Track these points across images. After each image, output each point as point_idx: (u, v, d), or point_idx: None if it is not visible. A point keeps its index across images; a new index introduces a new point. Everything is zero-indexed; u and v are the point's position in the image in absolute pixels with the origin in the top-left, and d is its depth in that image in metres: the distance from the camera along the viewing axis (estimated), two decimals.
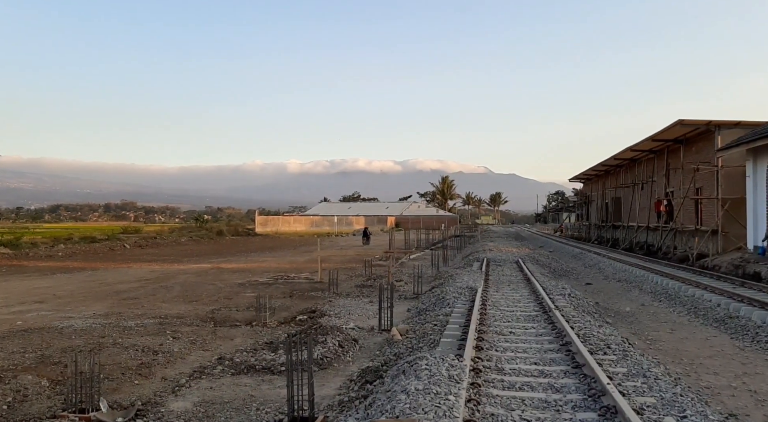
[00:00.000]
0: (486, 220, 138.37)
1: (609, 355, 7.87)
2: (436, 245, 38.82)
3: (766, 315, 11.30)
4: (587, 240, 49.92)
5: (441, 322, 10.61)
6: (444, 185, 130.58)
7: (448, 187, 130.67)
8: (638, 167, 39.28)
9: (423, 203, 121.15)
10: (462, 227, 77.10)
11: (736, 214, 24.40)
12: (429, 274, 21.24)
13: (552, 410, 5.63)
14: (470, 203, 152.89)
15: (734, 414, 6.47)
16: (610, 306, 14.55)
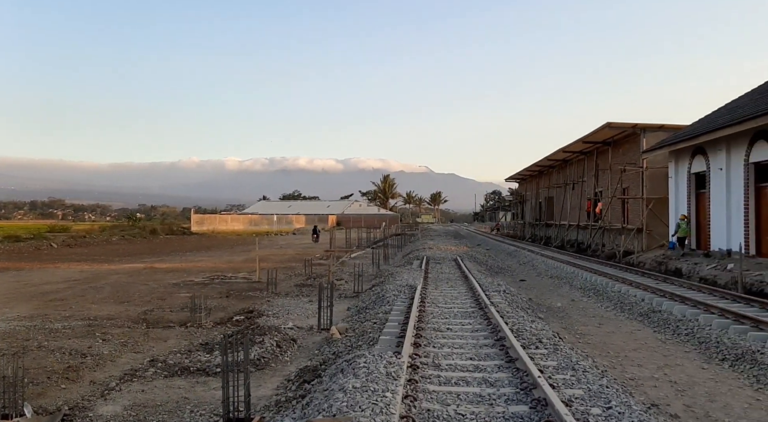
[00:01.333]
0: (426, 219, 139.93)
1: (540, 349, 8.14)
2: (377, 244, 38.99)
3: (685, 309, 11.95)
4: (522, 239, 51.34)
5: (380, 320, 10.68)
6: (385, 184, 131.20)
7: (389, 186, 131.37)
8: (570, 168, 40.71)
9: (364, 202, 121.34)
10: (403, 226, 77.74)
11: (659, 213, 25.69)
12: (370, 273, 21.31)
13: (486, 404, 5.78)
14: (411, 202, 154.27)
15: (656, 404, 6.82)
16: (543, 301, 15.03)
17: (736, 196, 19.19)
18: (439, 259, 25.19)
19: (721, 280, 15.94)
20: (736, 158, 19.15)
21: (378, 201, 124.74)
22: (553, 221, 44.10)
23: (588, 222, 34.68)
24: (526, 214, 57.92)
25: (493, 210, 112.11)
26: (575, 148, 35.82)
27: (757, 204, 18.40)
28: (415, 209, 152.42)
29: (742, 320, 10.32)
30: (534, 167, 48.75)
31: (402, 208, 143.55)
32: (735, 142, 19.11)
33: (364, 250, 34.60)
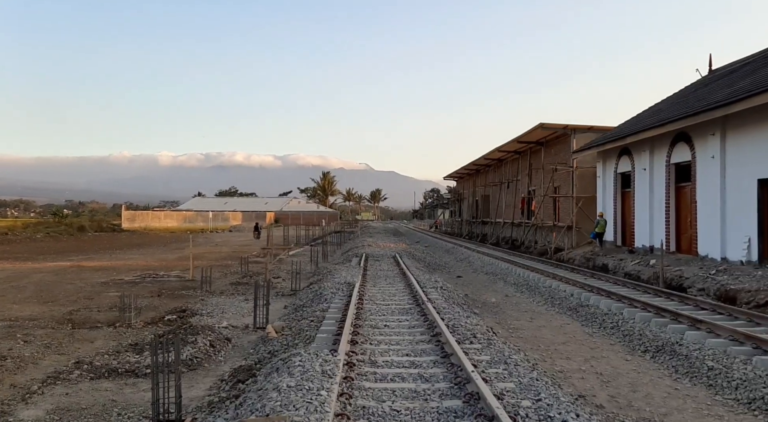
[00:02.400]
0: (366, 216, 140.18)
1: (475, 344, 8.31)
2: (316, 241, 38.76)
3: (611, 303, 12.47)
4: (459, 236, 52.25)
5: (318, 318, 10.63)
6: (325, 181, 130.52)
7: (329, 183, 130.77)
8: (505, 167, 41.74)
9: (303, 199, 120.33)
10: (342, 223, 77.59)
11: (588, 211, 26.72)
12: (308, 270, 21.17)
13: (421, 399, 5.85)
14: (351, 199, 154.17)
15: (583, 395, 7.09)
16: (478, 297, 15.35)
17: (658, 195, 20.18)
18: (378, 257, 25.30)
19: (644, 275, 16.73)
20: (659, 159, 20.13)
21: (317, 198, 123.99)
22: (489, 219, 45.10)
23: (522, 219, 35.67)
24: (463, 212, 58.98)
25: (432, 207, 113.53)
26: (510, 148, 36.74)
27: (677, 203, 19.42)
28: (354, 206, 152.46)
29: (662, 313, 10.87)
30: (471, 166, 49.70)
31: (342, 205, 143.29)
32: (658, 143, 20.09)
33: (303, 248, 34.34)
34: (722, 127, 16.22)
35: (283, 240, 38.99)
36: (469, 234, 50.42)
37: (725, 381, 7.32)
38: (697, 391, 7.30)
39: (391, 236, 50.18)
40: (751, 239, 15.00)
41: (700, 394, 7.17)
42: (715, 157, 16.53)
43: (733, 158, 15.93)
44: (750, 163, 15.13)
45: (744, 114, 14.90)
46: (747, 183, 15.23)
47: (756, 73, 17.03)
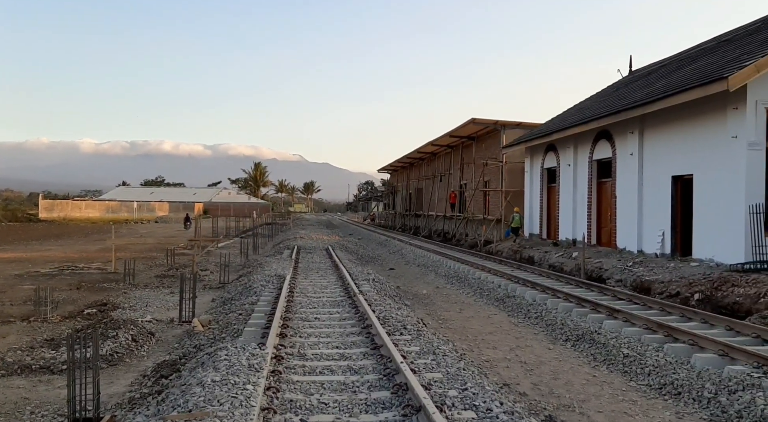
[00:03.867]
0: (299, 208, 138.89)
1: (405, 336, 8.38)
2: (246, 233, 38.03)
3: (536, 294, 12.90)
4: (393, 228, 52.63)
5: (246, 311, 10.44)
6: (257, 172, 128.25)
7: (261, 174, 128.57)
8: (438, 160, 42.35)
9: (234, 190, 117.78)
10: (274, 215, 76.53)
11: (517, 205, 27.51)
12: (237, 263, 20.77)
13: (349, 391, 5.85)
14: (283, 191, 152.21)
15: (508, 384, 7.30)
16: (410, 289, 15.51)
17: (581, 190, 21.01)
18: (311, 249, 25.12)
19: (568, 267, 17.40)
20: (582, 155, 20.96)
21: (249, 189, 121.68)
22: (422, 212, 45.67)
23: (453, 213, 36.32)
24: (397, 205, 59.45)
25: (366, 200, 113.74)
26: (443, 142, 37.29)
27: (599, 197, 20.29)
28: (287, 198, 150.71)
29: (583, 303, 11.33)
30: (405, 159, 50.12)
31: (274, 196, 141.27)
32: (581, 140, 20.90)
33: (233, 240, 33.63)
34: (640, 125, 17.04)
35: (212, 231, 38.04)
36: (403, 227, 50.89)
37: (639, 367, 7.71)
38: (614, 378, 7.65)
39: (324, 228, 49.93)
40: (665, 233, 15.88)
41: (616, 381, 7.52)
42: (633, 154, 17.36)
43: (650, 155, 16.78)
44: (665, 160, 15.98)
45: (659, 114, 15.71)
46: (662, 179, 16.09)
47: (671, 76, 17.99)
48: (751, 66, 12.07)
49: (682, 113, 14.85)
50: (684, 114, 14.83)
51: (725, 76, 12.12)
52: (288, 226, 50.96)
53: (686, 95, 13.69)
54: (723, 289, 11.08)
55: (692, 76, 15.03)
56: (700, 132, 14.37)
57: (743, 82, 12.16)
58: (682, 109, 14.68)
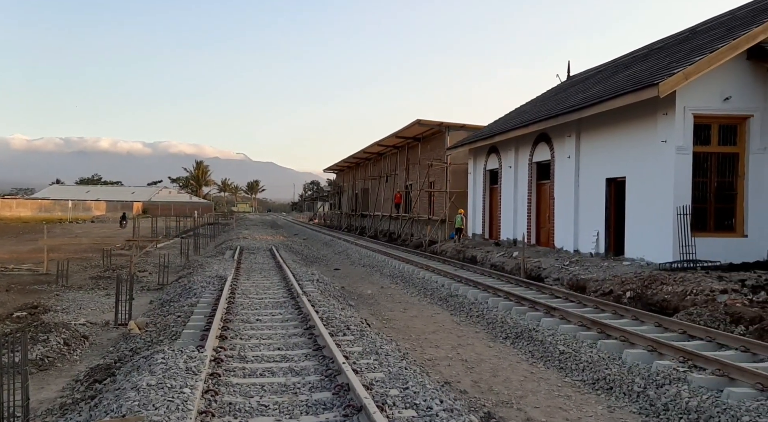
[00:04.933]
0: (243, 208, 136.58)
1: (348, 336, 8.38)
2: (187, 233, 37.13)
3: (477, 293, 13.14)
4: (339, 229, 52.53)
5: (186, 313, 10.21)
6: (199, 171, 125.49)
7: (202, 172, 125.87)
8: (384, 161, 42.53)
9: (175, 189, 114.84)
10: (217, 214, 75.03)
11: (460, 206, 27.95)
12: (177, 264, 20.24)
13: (290, 393, 5.81)
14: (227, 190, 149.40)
15: (449, 382, 7.42)
16: (355, 289, 15.52)
17: (521, 191, 21.55)
18: (254, 249, 24.77)
19: (508, 266, 17.80)
20: (523, 157, 21.49)
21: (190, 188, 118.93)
22: (369, 212, 45.76)
23: (399, 213, 36.56)
24: (343, 205, 59.34)
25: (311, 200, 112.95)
26: (389, 143, 37.48)
27: (538, 199, 20.86)
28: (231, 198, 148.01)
29: (522, 302, 11.62)
30: (351, 159, 50.10)
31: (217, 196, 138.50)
32: (522, 143, 21.43)
33: (173, 240, 32.77)
34: (577, 129, 17.62)
35: (152, 231, 36.94)
36: (349, 227, 50.84)
37: (574, 363, 7.98)
38: (550, 374, 7.89)
39: (268, 228, 49.32)
40: (600, 233, 16.48)
41: (553, 377, 7.76)
42: (570, 157, 17.93)
43: (586, 158, 17.37)
44: (600, 163, 16.58)
45: (595, 118, 16.29)
46: (597, 181, 16.69)
47: (606, 81, 18.69)
48: (680, 73, 12.68)
49: (616, 118, 15.45)
50: (618, 118, 15.43)
51: (656, 83, 12.68)
52: (231, 226, 50.06)
53: (620, 100, 14.25)
54: (653, 287, 11.59)
55: (626, 83, 15.65)
56: (633, 136, 14.99)
57: (672, 88, 12.76)
58: (616, 114, 15.27)
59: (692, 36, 17.88)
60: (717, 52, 12.79)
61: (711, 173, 13.83)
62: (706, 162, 13.79)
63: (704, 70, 12.80)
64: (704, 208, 13.81)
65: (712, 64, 12.80)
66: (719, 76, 13.29)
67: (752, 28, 13.14)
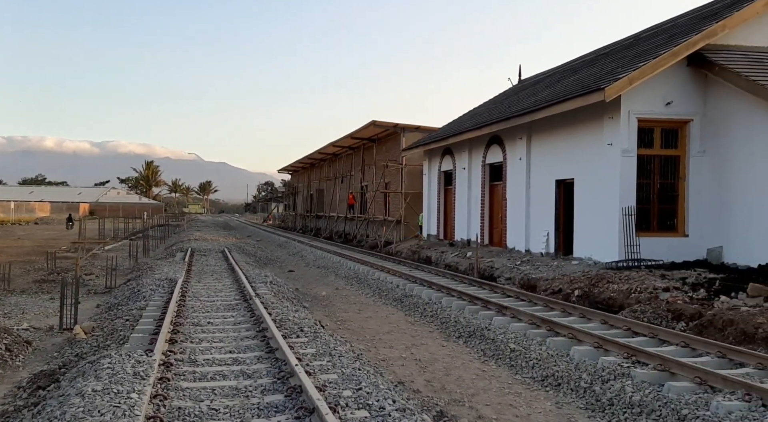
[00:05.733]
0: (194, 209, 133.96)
1: (301, 338, 8.34)
2: (136, 235, 36.19)
3: (432, 293, 13.26)
4: (294, 230, 52.12)
5: (134, 317, 9.97)
6: (148, 171, 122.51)
7: (152, 173, 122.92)
8: (339, 161, 42.44)
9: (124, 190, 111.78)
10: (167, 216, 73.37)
11: (415, 207, 28.16)
12: (126, 266, 19.73)
13: (242, 396, 5.75)
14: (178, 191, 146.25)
15: (402, 382, 7.47)
16: (309, 291, 15.44)
17: (475, 192, 21.86)
18: (206, 251, 24.34)
19: (462, 266, 18.04)
20: (476, 159, 21.81)
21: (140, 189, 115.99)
22: (324, 213, 45.55)
23: (353, 214, 36.55)
24: (298, 206, 58.90)
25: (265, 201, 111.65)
26: (344, 143, 37.42)
27: (491, 200, 21.20)
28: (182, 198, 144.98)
29: (475, 301, 11.79)
30: (306, 159, 49.78)
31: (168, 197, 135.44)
32: (475, 145, 21.74)
33: (121, 242, 31.90)
34: (528, 132, 18.00)
35: (99, 233, 35.84)
36: (303, 228, 50.50)
37: (524, 361, 8.15)
38: (501, 372, 8.04)
39: (220, 230, 48.55)
40: (550, 233, 16.87)
41: (504, 374, 7.91)
42: (522, 158, 18.30)
43: (536, 160, 17.76)
44: (550, 165, 16.98)
45: (545, 121, 16.67)
46: (547, 183, 17.08)
47: (555, 85, 19.16)
48: (625, 78, 13.10)
49: (565, 121, 15.86)
50: (567, 122, 15.83)
51: (602, 88, 13.08)
52: (182, 228, 49.07)
53: (568, 104, 14.63)
54: (600, 286, 11.95)
55: (574, 87, 16.08)
56: (581, 139, 15.41)
57: (618, 93, 13.17)
58: (565, 117, 15.66)
59: (636, 42, 18.50)
60: (659, 59, 13.27)
61: (654, 175, 14.35)
62: (649, 164, 14.29)
63: (647, 75, 13.26)
64: (648, 208, 14.31)
65: (654, 69, 13.28)
66: (662, 81, 13.79)
67: (692, 35, 13.69)
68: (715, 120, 13.77)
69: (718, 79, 13.52)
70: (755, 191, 12.65)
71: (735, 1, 15.14)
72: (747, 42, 13.97)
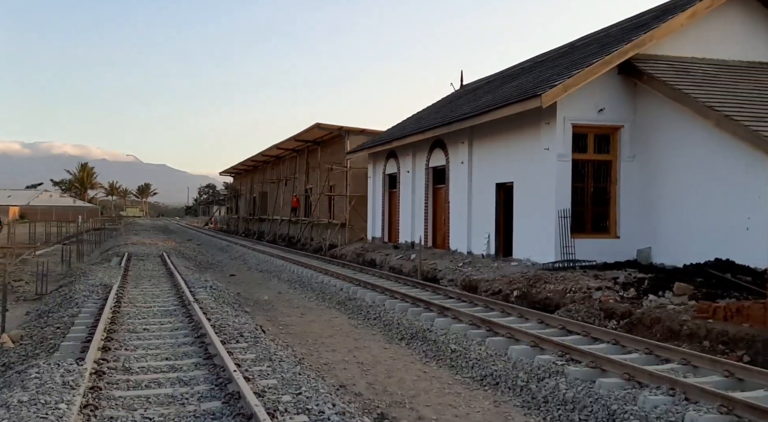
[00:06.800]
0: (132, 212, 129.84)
1: (241, 343, 8.23)
2: (70, 239, 34.76)
3: (375, 295, 13.31)
4: (236, 233, 51.25)
5: (66, 324, 9.58)
6: (84, 173, 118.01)
7: (88, 175, 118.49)
8: (283, 164, 42.05)
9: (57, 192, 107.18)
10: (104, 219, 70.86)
11: (360, 210, 28.21)
12: (58, 272, 18.94)
13: (177, 404, 5.62)
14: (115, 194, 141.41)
15: (344, 385, 7.47)
16: (251, 295, 15.22)
17: (419, 195, 22.10)
18: (143, 256, 23.63)
19: (406, 269, 18.19)
20: (420, 162, 22.07)
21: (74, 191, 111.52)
22: (267, 216, 44.99)
23: (298, 217, 36.28)
24: (240, 209, 57.96)
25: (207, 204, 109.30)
26: (288, 146, 37.10)
27: (435, 203, 21.49)
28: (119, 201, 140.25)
29: (417, 303, 11.91)
30: (249, 162, 49.08)
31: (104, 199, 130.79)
32: (419, 148, 21.99)
33: (53, 247, 30.56)
34: (470, 136, 18.35)
35: (30, 237, 34.23)
36: (246, 232, 49.73)
37: (464, 361, 8.30)
38: (442, 372, 8.16)
39: (160, 234, 47.25)
40: (491, 235, 17.24)
41: (444, 375, 8.03)
42: (464, 162, 18.64)
43: (478, 164, 18.13)
44: (490, 169, 17.36)
45: (486, 126, 17.04)
46: (488, 186, 17.46)
47: (495, 91, 19.62)
48: (560, 86, 13.56)
49: (505, 126, 16.25)
50: (506, 127, 16.23)
51: (539, 94, 13.48)
52: (119, 232, 47.48)
53: (507, 110, 15.01)
54: (537, 286, 12.30)
55: (512, 93, 16.51)
56: (519, 143, 15.83)
57: (554, 99, 13.61)
58: (505, 122, 16.06)
59: (571, 51, 19.16)
60: (592, 67, 13.80)
61: (588, 179, 14.89)
62: (584, 168, 14.83)
63: (581, 82, 13.76)
64: (582, 211, 14.83)
65: (588, 77, 13.79)
66: (595, 89, 14.34)
67: (622, 45, 14.29)
68: (644, 126, 14.43)
69: (646, 88, 14.18)
70: (681, 194, 13.33)
71: (662, 13, 15.92)
72: (673, 52, 14.69)
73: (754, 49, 15.21)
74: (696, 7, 14.31)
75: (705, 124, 12.58)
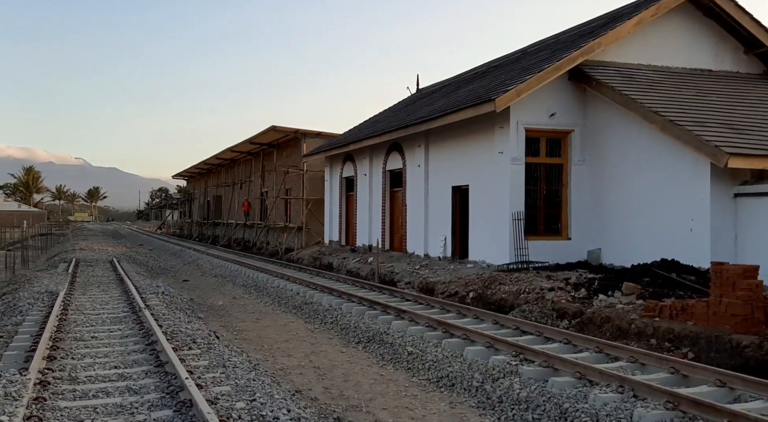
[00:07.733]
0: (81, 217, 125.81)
1: (194, 350, 8.06)
2: (14, 245, 33.45)
3: (332, 299, 13.24)
4: (190, 238, 50.25)
5: (8, 333, 9.20)
6: (29, 177, 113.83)
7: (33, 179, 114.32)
8: (238, 167, 41.47)
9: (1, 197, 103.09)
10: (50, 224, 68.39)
11: (317, 213, 28.05)
12: (2, 279, 18.21)
13: (126, 413, 5.46)
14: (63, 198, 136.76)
15: (300, 390, 7.39)
16: (204, 301, 14.93)
17: (376, 198, 22.13)
18: (92, 261, 22.92)
19: (363, 272, 18.18)
20: (377, 166, 22.10)
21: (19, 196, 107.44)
22: (222, 220, 44.27)
23: (252, 221, 35.83)
24: (194, 213, 56.86)
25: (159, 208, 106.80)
26: (243, 148, 36.61)
27: (392, 206, 21.55)
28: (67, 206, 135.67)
29: (374, 306, 11.90)
30: (203, 165, 48.21)
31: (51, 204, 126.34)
32: (376, 151, 22.03)
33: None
34: (426, 139, 18.50)
35: None
36: (200, 236, 48.80)
37: (420, 363, 8.32)
38: (399, 375, 8.16)
39: (110, 239, 45.95)
40: (447, 237, 17.40)
41: (401, 377, 8.04)
42: (420, 165, 18.77)
43: (434, 167, 18.28)
44: (446, 172, 17.53)
45: (441, 129, 17.21)
46: (444, 189, 17.62)
47: (450, 95, 19.84)
48: (513, 90, 13.81)
49: (460, 130, 16.45)
50: (461, 130, 16.43)
51: (493, 99, 13.70)
52: (67, 237, 45.94)
53: (462, 114, 15.19)
54: (492, 287, 12.47)
55: (467, 97, 16.72)
56: (474, 147, 16.04)
57: (507, 104, 13.86)
58: (460, 126, 16.25)
59: (524, 56, 19.55)
60: (544, 72, 14.10)
61: (541, 182, 15.21)
62: (536, 172, 15.13)
63: (533, 88, 14.05)
64: (536, 213, 15.13)
65: (539, 82, 14.09)
66: (546, 94, 14.67)
67: (572, 51, 14.66)
68: (594, 130, 14.84)
69: (595, 93, 14.58)
70: (629, 197, 13.75)
71: (610, 20, 16.42)
72: (621, 59, 15.17)
73: (696, 56, 15.86)
74: (642, 15, 14.79)
75: (651, 128, 13.02)
